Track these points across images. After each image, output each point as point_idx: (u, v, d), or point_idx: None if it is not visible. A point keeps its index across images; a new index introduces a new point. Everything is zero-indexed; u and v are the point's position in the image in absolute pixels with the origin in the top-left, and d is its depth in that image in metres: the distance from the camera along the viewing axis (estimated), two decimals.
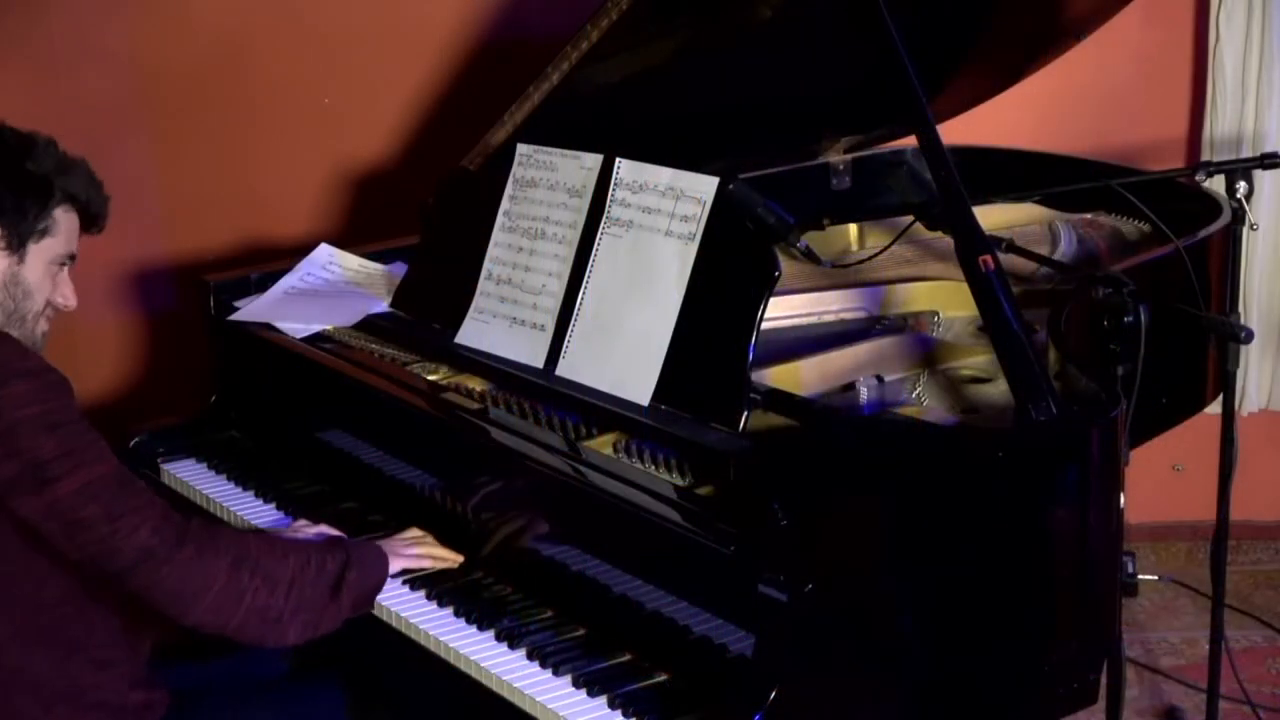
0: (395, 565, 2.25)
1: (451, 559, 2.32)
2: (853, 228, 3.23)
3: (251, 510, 2.61)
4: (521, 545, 2.25)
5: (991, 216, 3.04)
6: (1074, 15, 3.11)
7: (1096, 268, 2.79)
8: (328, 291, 2.88)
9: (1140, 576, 3.87)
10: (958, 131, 3.30)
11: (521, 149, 2.57)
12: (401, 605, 2.23)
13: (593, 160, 2.45)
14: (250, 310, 2.82)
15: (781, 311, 2.64)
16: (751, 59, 2.83)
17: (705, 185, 2.30)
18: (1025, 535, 2.08)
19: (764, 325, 2.20)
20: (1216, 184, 3.03)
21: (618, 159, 2.42)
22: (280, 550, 2.10)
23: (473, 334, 2.55)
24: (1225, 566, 2.92)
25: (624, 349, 2.31)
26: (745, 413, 2.15)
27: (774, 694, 1.81)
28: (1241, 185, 2.78)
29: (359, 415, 2.61)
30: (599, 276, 2.39)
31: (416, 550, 2.29)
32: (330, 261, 2.95)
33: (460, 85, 3.74)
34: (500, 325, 2.51)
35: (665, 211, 2.33)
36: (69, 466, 1.93)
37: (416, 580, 2.29)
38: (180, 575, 1.98)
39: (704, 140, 2.84)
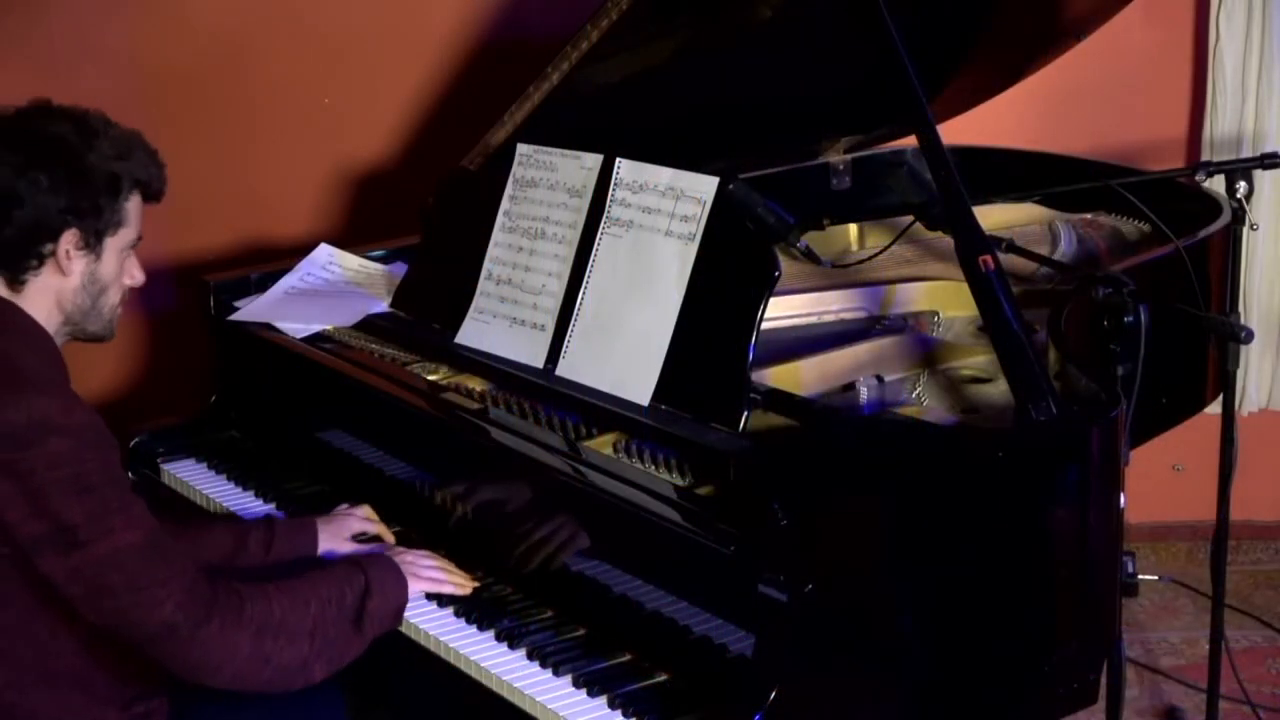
0: (415, 587, 2.21)
1: (468, 579, 2.28)
2: (853, 228, 3.23)
3: (251, 511, 2.60)
4: (522, 545, 2.25)
5: (991, 216, 3.04)
6: (1074, 15, 3.11)
7: (1096, 268, 2.79)
8: (328, 291, 2.88)
9: (1140, 576, 3.87)
10: (958, 131, 3.30)
11: (521, 149, 2.57)
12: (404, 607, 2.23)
13: (593, 160, 2.45)
14: (250, 310, 2.82)
15: (781, 311, 2.64)
16: (752, 59, 2.83)
17: (705, 185, 2.30)
18: (1025, 535, 2.08)
19: (764, 325, 2.20)
20: (1216, 184, 3.03)
21: (618, 159, 2.42)
22: (302, 599, 2.04)
23: (473, 334, 2.55)
24: (1225, 566, 2.92)
25: (624, 349, 2.31)
26: (745, 413, 2.15)
27: (774, 694, 1.81)
28: (1241, 185, 2.78)
29: (359, 415, 2.61)
30: (599, 276, 2.39)
31: (435, 574, 2.25)
32: (330, 261, 2.95)
33: (460, 85, 3.74)
34: (500, 325, 2.51)
35: (665, 211, 2.33)
36: (97, 532, 1.88)
37: None
38: (202, 651, 1.94)
39: (704, 140, 2.84)
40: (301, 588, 2.07)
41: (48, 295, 2.05)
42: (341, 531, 2.40)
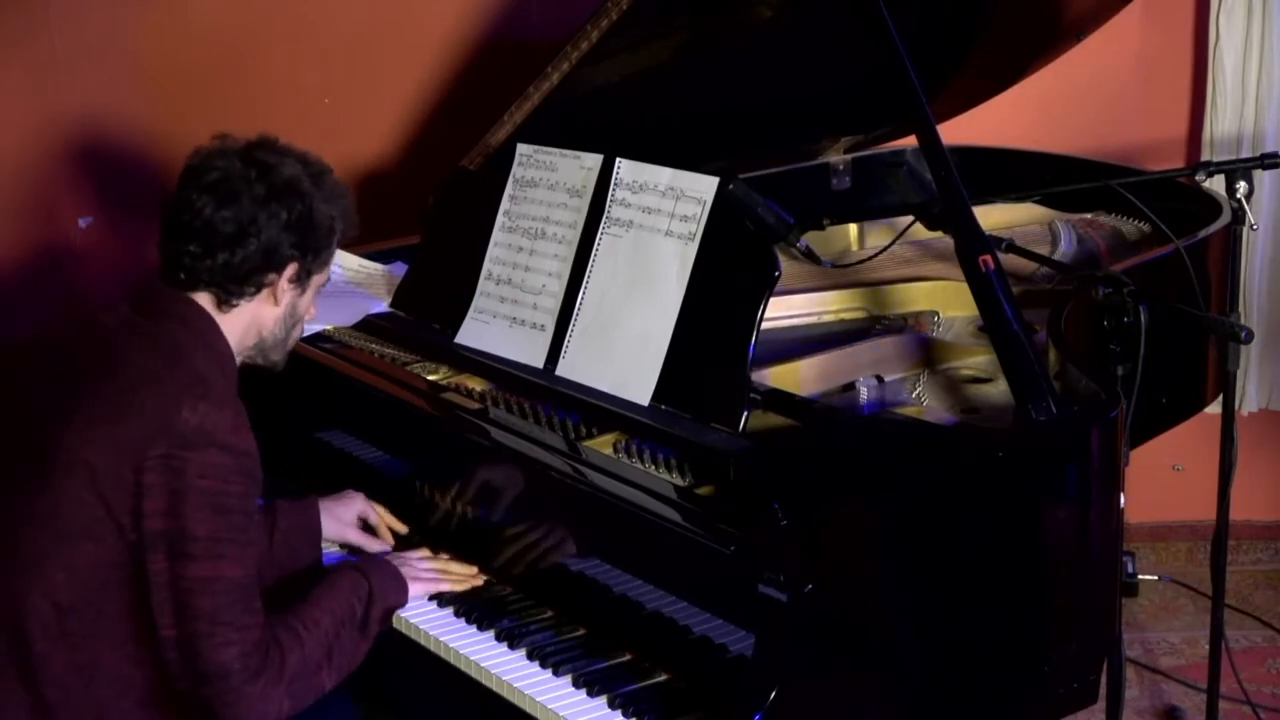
0: (414, 590, 2.24)
1: (467, 576, 2.29)
2: (853, 228, 3.23)
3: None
4: (522, 545, 2.25)
5: (991, 216, 3.04)
6: (1074, 15, 3.11)
7: (1096, 268, 2.79)
8: (328, 291, 2.87)
9: (1140, 576, 3.87)
10: (958, 131, 3.30)
11: (522, 149, 2.58)
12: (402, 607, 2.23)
13: (593, 160, 2.45)
14: None
15: (781, 311, 2.64)
16: (752, 59, 2.83)
17: (705, 185, 2.30)
18: (1025, 535, 2.08)
19: (764, 325, 2.20)
20: (1216, 184, 3.03)
21: (618, 159, 2.42)
22: (323, 630, 2.07)
23: (473, 334, 2.55)
24: (1225, 566, 2.92)
25: (624, 349, 2.31)
26: (745, 413, 2.15)
27: (774, 694, 1.81)
28: (1241, 185, 2.78)
29: (359, 415, 2.61)
30: (599, 276, 2.39)
31: (434, 575, 2.27)
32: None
33: (460, 85, 3.74)
34: (500, 325, 2.51)
35: (665, 211, 2.33)
36: (208, 553, 1.93)
37: None
38: (242, 705, 1.97)
39: (704, 140, 2.84)
40: (322, 618, 2.09)
41: (249, 320, 2.14)
42: (344, 515, 2.42)
